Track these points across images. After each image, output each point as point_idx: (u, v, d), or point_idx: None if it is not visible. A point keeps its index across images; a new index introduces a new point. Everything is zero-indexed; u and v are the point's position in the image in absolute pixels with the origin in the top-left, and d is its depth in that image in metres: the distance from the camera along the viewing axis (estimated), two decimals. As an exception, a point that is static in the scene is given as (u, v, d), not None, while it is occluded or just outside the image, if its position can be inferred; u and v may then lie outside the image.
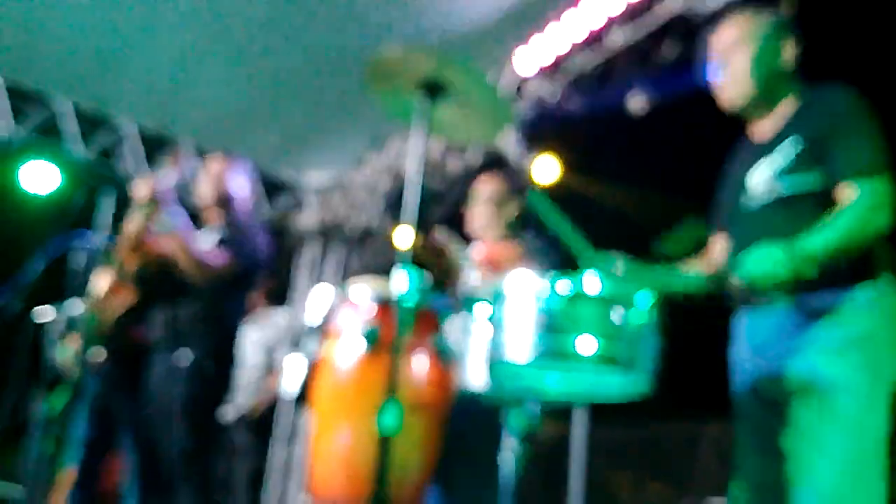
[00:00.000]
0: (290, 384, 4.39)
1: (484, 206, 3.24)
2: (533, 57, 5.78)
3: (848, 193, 2.01)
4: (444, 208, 6.97)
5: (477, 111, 2.27)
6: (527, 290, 2.01)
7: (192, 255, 3.24)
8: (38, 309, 4.07)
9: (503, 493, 2.20)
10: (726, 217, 2.35)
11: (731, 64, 2.23)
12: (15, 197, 7.46)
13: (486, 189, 3.29)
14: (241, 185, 3.69)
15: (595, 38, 5.42)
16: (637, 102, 5.01)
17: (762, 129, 2.29)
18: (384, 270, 2.13)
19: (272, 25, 5.87)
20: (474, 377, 2.38)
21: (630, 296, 1.98)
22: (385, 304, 2.59)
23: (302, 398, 2.79)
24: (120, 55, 6.60)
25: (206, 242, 3.43)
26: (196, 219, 3.58)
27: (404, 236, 2.21)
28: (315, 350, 2.79)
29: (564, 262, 2.34)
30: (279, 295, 8.08)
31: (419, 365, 2.59)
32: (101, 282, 3.82)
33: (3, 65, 7.06)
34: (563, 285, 1.96)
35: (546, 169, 5.73)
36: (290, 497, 8.31)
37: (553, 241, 2.31)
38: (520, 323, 2.00)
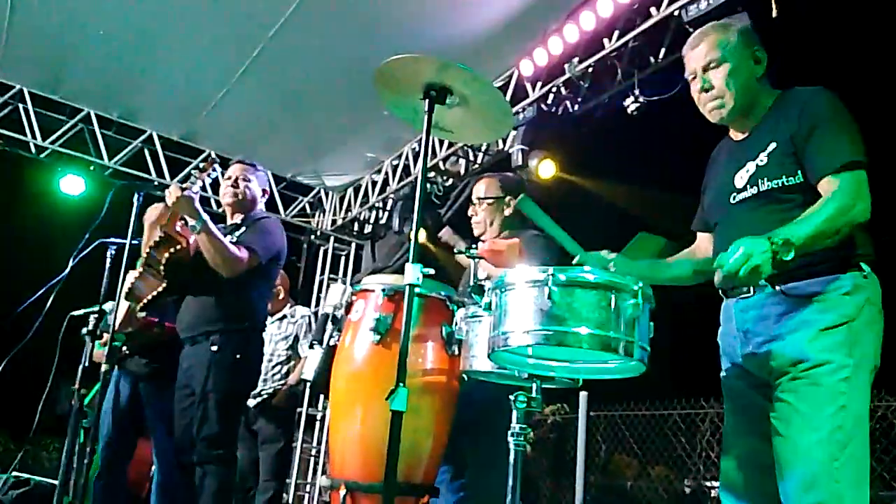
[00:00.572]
0: (309, 373, 4.43)
1: (480, 205, 3.28)
2: (532, 62, 5.80)
3: (828, 186, 2.02)
4: (452, 207, 6.99)
5: (479, 113, 2.30)
6: (529, 281, 2.04)
7: (220, 250, 3.29)
8: (71, 307, 4.12)
9: (511, 474, 2.21)
10: (714, 215, 2.36)
11: (710, 81, 2.23)
12: (53, 201, 7.53)
13: (480, 190, 3.32)
14: (257, 187, 3.75)
15: (591, 43, 5.44)
16: (633, 102, 5.02)
17: (744, 131, 2.30)
18: (397, 267, 2.16)
19: (291, 40, 5.92)
20: (481, 363, 2.42)
21: (624, 283, 2.01)
22: (396, 296, 2.62)
23: (321, 386, 2.83)
24: (146, 69, 6.67)
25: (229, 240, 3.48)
26: (217, 219, 3.62)
27: (415, 234, 2.25)
28: (332, 341, 2.84)
29: (563, 254, 2.37)
30: (299, 291, 8.14)
31: (428, 351, 2.63)
32: (130, 280, 3.87)
33: (36, 78, 7.15)
34: (562, 275, 1.99)
35: (544, 169, 5.74)
36: (312, 480, 8.37)
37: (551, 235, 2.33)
38: (523, 311, 2.02)
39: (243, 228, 3.54)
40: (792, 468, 1.98)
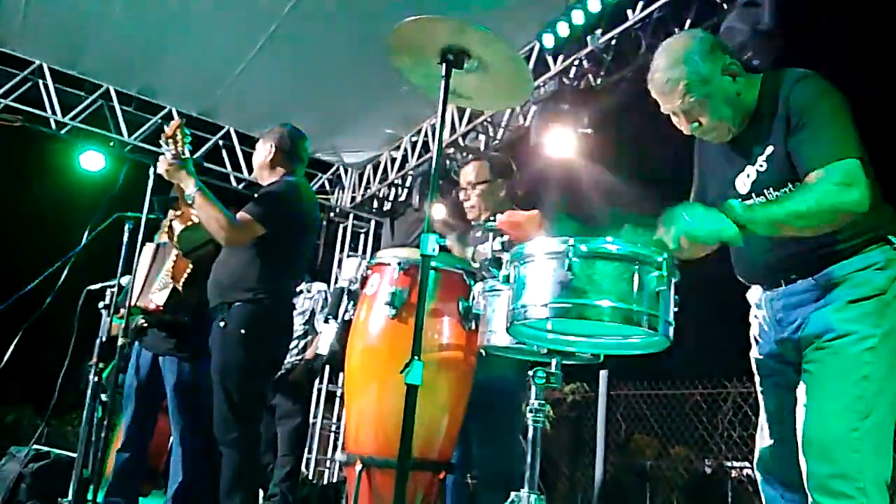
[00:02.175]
0: (324, 348, 4.39)
1: (473, 190, 3.19)
2: (554, 34, 5.67)
3: (816, 176, 1.91)
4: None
5: (497, 78, 2.22)
6: (548, 252, 1.97)
7: (212, 217, 3.08)
8: (89, 281, 4.12)
9: (530, 451, 2.16)
10: None
11: (697, 120, 2.09)
12: (73, 177, 7.54)
13: (471, 174, 3.22)
14: (261, 151, 3.48)
15: (614, 14, 5.31)
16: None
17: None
18: (416, 244, 2.10)
19: (308, 15, 5.84)
20: (499, 338, 2.36)
21: (648, 255, 1.93)
22: (412, 270, 2.56)
23: (336, 360, 2.78)
24: (166, 45, 6.64)
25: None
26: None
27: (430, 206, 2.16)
28: (347, 315, 2.79)
29: (582, 226, 2.29)
30: (318, 268, 8.13)
31: (445, 327, 2.57)
32: (146, 255, 3.85)
33: (55, 54, 7.14)
34: (583, 246, 1.92)
35: (565, 142, 5.61)
36: (332, 455, 8.41)
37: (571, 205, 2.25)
38: (542, 284, 1.95)
39: (259, 195, 3.39)
40: (810, 438, 1.94)
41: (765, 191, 2.06)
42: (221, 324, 3.12)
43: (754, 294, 2.23)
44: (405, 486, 1.88)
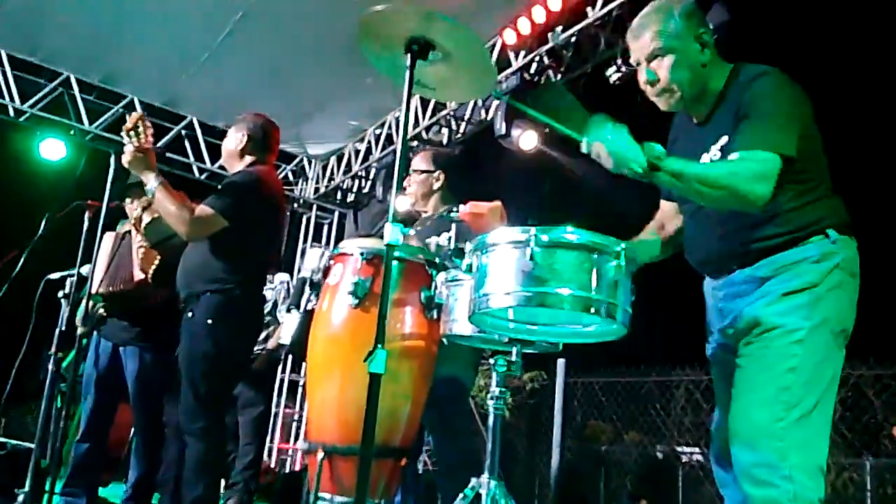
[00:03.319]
0: (286, 337, 4.35)
1: (414, 177, 3.21)
2: (516, 30, 5.68)
3: (736, 155, 1.91)
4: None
5: (461, 70, 2.20)
6: (510, 242, 1.97)
7: (169, 212, 3.00)
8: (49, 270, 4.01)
9: (490, 437, 2.16)
10: (681, 202, 2.25)
11: (655, 73, 2.10)
12: (32, 166, 7.34)
13: (415, 162, 3.24)
14: (231, 140, 3.40)
15: (574, 11, 5.33)
16: (616, 72, 4.93)
17: (699, 116, 2.18)
18: (380, 235, 2.07)
19: (275, 3, 5.75)
20: (461, 327, 2.35)
21: (607, 244, 1.93)
22: (375, 260, 2.53)
23: (298, 350, 2.73)
24: (128, 32, 6.46)
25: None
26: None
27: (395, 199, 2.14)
28: (309, 305, 2.75)
29: (544, 215, 2.29)
30: (281, 260, 8.03)
31: (408, 316, 2.54)
32: (107, 243, 3.76)
33: (13, 40, 6.92)
34: (544, 236, 1.91)
35: (526, 140, 5.62)
36: (294, 445, 8.34)
37: (535, 193, 2.25)
38: (504, 273, 1.95)
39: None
40: (736, 429, 1.96)
41: None
42: (189, 314, 3.05)
43: (705, 289, 2.25)
44: (368, 473, 1.86)
